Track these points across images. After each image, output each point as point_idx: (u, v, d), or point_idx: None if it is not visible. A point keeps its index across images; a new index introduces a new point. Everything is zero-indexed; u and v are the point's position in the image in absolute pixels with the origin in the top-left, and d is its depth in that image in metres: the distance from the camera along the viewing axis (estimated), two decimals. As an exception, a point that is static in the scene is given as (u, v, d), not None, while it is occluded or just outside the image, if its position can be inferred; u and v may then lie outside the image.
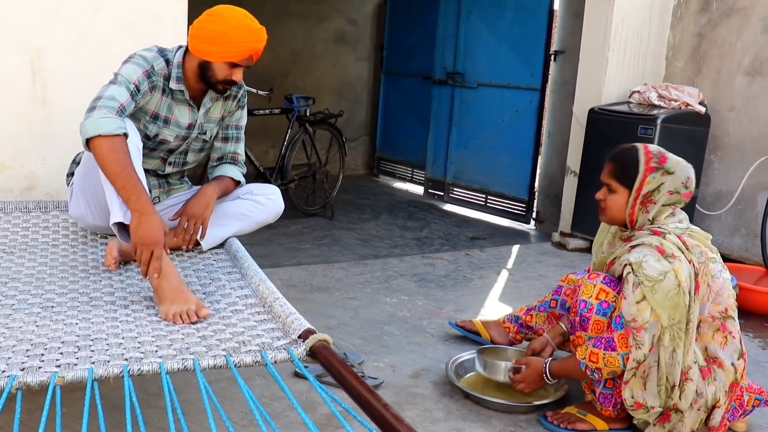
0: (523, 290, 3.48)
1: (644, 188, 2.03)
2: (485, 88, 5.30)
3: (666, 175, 2.02)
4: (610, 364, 1.94)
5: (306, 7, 6.40)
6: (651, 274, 1.90)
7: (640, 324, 1.90)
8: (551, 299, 2.50)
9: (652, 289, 1.89)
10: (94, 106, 1.93)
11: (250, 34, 2.04)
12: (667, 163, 2.03)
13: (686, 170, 2.05)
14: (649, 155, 2.05)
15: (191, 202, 2.18)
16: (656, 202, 2.04)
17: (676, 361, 1.92)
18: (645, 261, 1.92)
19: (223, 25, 2.03)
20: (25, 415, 1.24)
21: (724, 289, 2.02)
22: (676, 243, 1.97)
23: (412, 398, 2.25)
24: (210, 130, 2.34)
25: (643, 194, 2.03)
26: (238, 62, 2.08)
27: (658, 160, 2.04)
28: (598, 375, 1.98)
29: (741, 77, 4.05)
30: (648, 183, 2.03)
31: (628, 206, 2.06)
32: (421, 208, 5.52)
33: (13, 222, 2.43)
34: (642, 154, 2.06)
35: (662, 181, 2.02)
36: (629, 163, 2.07)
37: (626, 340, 1.91)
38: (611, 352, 1.93)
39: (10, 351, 1.45)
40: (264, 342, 1.56)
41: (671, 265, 1.92)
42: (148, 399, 2.05)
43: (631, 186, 2.05)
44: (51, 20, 2.67)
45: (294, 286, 3.29)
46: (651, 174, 2.03)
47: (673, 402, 1.94)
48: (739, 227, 4.08)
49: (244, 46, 2.05)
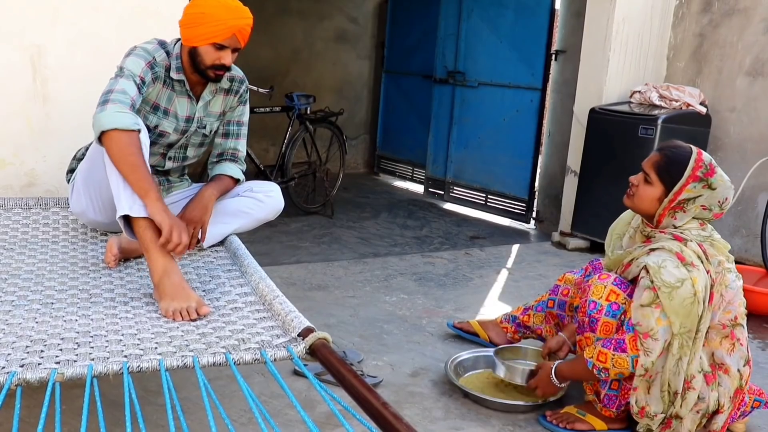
0: (523, 290, 3.48)
1: (683, 194, 1.99)
2: (486, 88, 5.29)
3: (707, 189, 1.99)
4: (618, 365, 1.93)
5: (306, 6, 6.39)
6: (669, 280, 1.89)
7: (645, 330, 1.89)
8: (548, 299, 2.50)
9: (669, 296, 1.87)
10: (107, 99, 1.93)
11: (228, 11, 2.04)
12: (713, 177, 1.99)
13: (728, 191, 2.01)
14: (700, 163, 2.00)
15: (190, 206, 2.17)
16: (687, 211, 2.01)
17: (680, 369, 1.92)
18: (664, 266, 1.90)
19: (201, 6, 2.05)
20: (24, 411, 1.24)
21: (737, 298, 2.02)
22: (696, 251, 1.95)
23: (411, 397, 2.25)
24: (210, 124, 2.33)
25: (680, 199, 2.00)
26: (222, 42, 2.07)
27: (706, 171, 1.99)
28: (605, 375, 1.97)
29: (742, 78, 4.05)
30: (688, 191, 1.99)
31: (660, 206, 2.02)
32: (421, 207, 5.52)
33: (13, 219, 2.43)
34: (693, 159, 2.00)
35: (701, 194, 1.99)
36: (677, 162, 2.01)
37: (636, 343, 1.91)
38: (621, 354, 1.92)
39: (10, 347, 1.45)
40: (263, 340, 1.56)
41: (689, 274, 1.90)
42: (147, 396, 2.05)
43: (671, 185, 2.00)
44: (51, 18, 2.67)
45: (294, 284, 3.29)
46: (693, 183, 1.98)
47: (675, 410, 1.94)
48: (739, 228, 4.08)
49: (224, 24, 2.04)
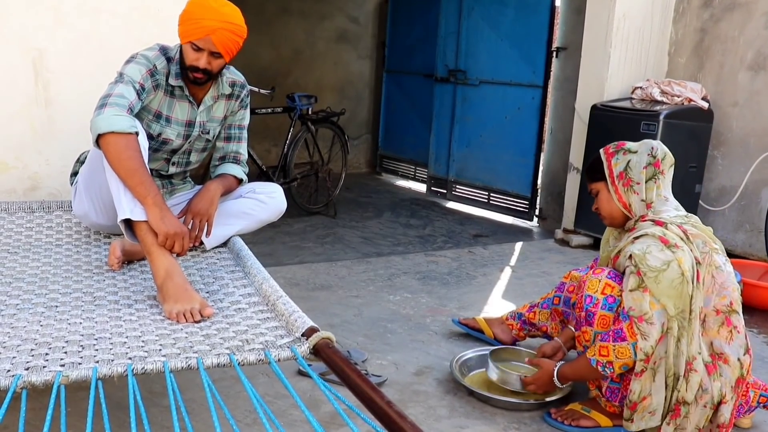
0: (527, 287, 3.47)
1: (614, 170, 2.12)
2: (487, 86, 5.29)
3: (629, 154, 2.12)
4: (621, 355, 1.93)
5: (307, 6, 6.39)
6: (654, 265, 1.91)
7: (639, 314, 1.90)
8: (554, 296, 2.50)
9: (656, 280, 1.89)
10: (105, 103, 1.93)
11: (204, 11, 2.02)
12: (626, 145, 2.14)
13: (648, 144, 2.13)
14: (607, 146, 2.18)
15: (196, 199, 2.18)
16: (639, 181, 2.09)
17: (680, 351, 1.92)
18: (648, 252, 1.93)
19: (188, 4, 2.05)
20: (29, 414, 1.24)
21: (729, 282, 2.01)
22: (677, 233, 1.99)
23: (416, 396, 2.25)
24: (213, 129, 2.34)
25: (616, 175, 2.12)
26: (196, 42, 2.05)
27: (616, 145, 2.17)
28: (610, 370, 1.96)
29: (744, 72, 4.03)
30: (615, 165, 2.12)
31: (612, 194, 2.13)
32: (423, 205, 5.51)
33: (17, 222, 2.44)
34: (602, 150, 2.19)
35: (628, 159, 2.11)
36: (594, 161, 2.20)
37: (633, 329, 1.91)
38: (621, 343, 1.92)
39: (15, 350, 1.45)
40: (267, 340, 1.56)
41: (674, 255, 1.92)
42: (152, 398, 2.05)
43: (604, 177, 2.15)
44: (52, 21, 2.67)
45: (297, 285, 3.29)
46: (613, 157, 2.14)
47: (680, 395, 1.93)
48: (743, 223, 4.07)
49: (197, 23, 2.02)
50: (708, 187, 4.20)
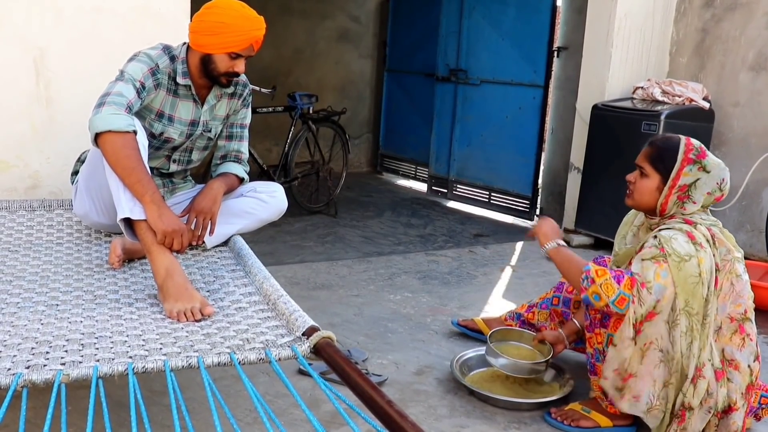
0: (527, 287, 3.47)
1: (681, 179, 2.01)
2: (488, 85, 5.29)
3: (702, 171, 2.01)
4: (605, 290, 1.90)
5: (308, 5, 6.39)
6: (678, 251, 1.90)
7: (642, 281, 1.89)
8: (553, 296, 2.50)
9: (678, 266, 1.88)
10: (103, 102, 1.93)
11: (249, 22, 2.06)
12: (706, 159, 2.02)
13: (723, 171, 2.04)
14: (690, 146, 2.03)
15: (199, 197, 2.18)
16: (696, 201, 2.02)
17: (692, 354, 1.91)
18: (675, 238, 1.92)
19: (221, 15, 2.05)
20: (30, 413, 1.24)
21: (745, 290, 2.01)
22: (705, 235, 1.97)
23: (417, 395, 2.26)
24: (215, 128, 2.34)
25: (680, 185, 2.01)
26: (239, 52, 2.09)
27: (698, 153, 2.02)
28: (586, 285, 1.94)
29: (745, 72, 4.03)
30: (685, 174, 2.01)
31: (661, 195, 2.04)
32: (424, 205, 5.51)
33: (18, 221, 2.44)
34: (683, 144, 2.04)
35: (698, 177, 2.01)
36: (668, 150, 2.04)
37: (633, 285, 1.90)
38: (614, 282, 1.91)
39: (15, 349, 1.45)
40: (268, 339, 1.56)
41: (697, 253, 1.91)
42: (152, 397, 2.05)
43: (666, 173, 2.02)
44: (53, 20, 2.67)
45: (298, 284, 3.29)
46: (688, 165, 2.01)
47: (687, 400, 1.93)
48: (744, 223, 4.07)
49: (244, 35, 2.05)
50: (709, 187, 4.19)
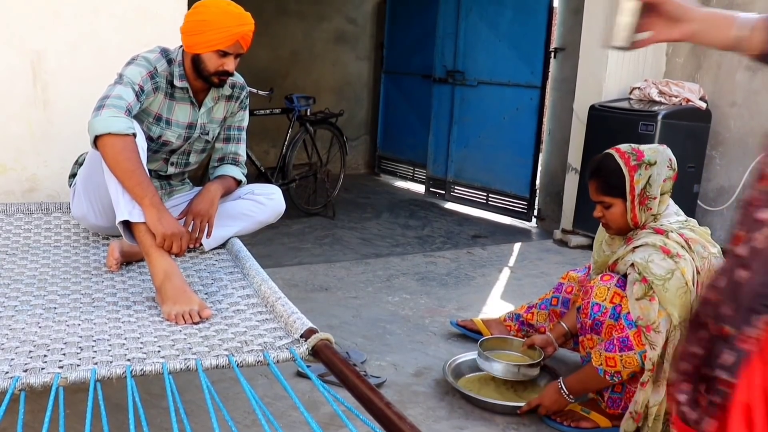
0: (525, 288, 3.47)
1: (636, 189, 2.02)
2: (485, 86, 5.29)
3: (650, 167, 2.02)
4: (628, 365, 1.92)
5: (305, 7, 6.40)
6: (659, 273, 1.89)
7: (647, 324, 1.89)
8: (552, 297, 2.50)
9: (664, 287, 1.87)
10: (103, 105, 1.93)
11: (232, 18, 2.04)
12: (645, 156, 2.03)
13: (664, 153, 2.05)
14: (626, 156, 2.04)
15: (196, 200, 2.19)
16: (655, 197, 2.03)
17: None
18: (651, 261, 1.91)
19: (203, 14, 2.05)
20: (28, 416, 1.24)
21: None
22: (678, 242, 1.96)
23: (415, 397, 2.25)
24: (213, 130, 2.34)
25: (638, 195, 2.02)
26: (225, 49, 2.07)
27: (636, 156, 2.03)
28: (618, 378, 1.95)
29: (742, 72, 4.04)
30: (638, 181, 2.02)
31: (628, 212, 2.05)
32: (422, 206, 5.52)
33: (15, 224, 2.43)
34: (618, 158, 2.05)
35: (649, 174, 2.01)
36: (611, 173, 2.06)
37: (640, 338, 1.90)
38: (628, 352, 1.91)
39: (13, 352, 1.45)
40: (266, 342, 1.56)
41: (677, 265, 1.90)
42: (151, 399, 2.05)
43: (623, 194, 2.04)
44: (51, 22, 2.67)
45: (296, 286, 3.29)
46: (636, 172, 2.02)
47: None
48: (741, 223, 4.07)
49: (227, 32, 2.04)
50: (706, 187, 4.20)
